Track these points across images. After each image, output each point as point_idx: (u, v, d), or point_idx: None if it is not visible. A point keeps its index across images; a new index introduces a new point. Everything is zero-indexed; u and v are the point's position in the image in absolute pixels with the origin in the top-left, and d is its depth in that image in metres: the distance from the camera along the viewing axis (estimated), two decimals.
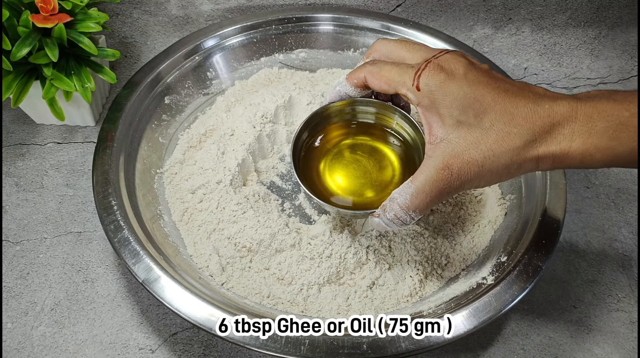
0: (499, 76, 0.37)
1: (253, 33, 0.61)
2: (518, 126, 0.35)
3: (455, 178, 0.36)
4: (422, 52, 0.39)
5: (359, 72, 0.41)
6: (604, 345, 0.47)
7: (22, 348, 0.45)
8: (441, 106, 0.36)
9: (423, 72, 0.37)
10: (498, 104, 0.35)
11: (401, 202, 0.37)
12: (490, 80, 0.36)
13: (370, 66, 0.40)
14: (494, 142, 0.35)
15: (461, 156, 0.36)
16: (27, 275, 0.49)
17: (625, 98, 0.34)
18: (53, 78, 0.52)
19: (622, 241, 0.53)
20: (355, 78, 0.41)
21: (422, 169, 0.37)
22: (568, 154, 0.35)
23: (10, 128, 0.60)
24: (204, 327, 0.38)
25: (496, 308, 0.40)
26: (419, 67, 0.37)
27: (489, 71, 0.37)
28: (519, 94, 0.36)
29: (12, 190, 0.55)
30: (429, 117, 0.37)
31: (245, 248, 0.46)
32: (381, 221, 0.39)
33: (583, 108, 0.34)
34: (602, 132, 0.33)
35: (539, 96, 0.35)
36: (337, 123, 0.47)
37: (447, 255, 0.48)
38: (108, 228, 0.44)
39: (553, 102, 0.35)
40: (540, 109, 0.35)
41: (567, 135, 0.34)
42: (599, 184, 0.58)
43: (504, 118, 0.35)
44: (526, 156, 0.35)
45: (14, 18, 0.50)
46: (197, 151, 0.55)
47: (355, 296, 0.44)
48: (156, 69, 0.56)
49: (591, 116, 0.34)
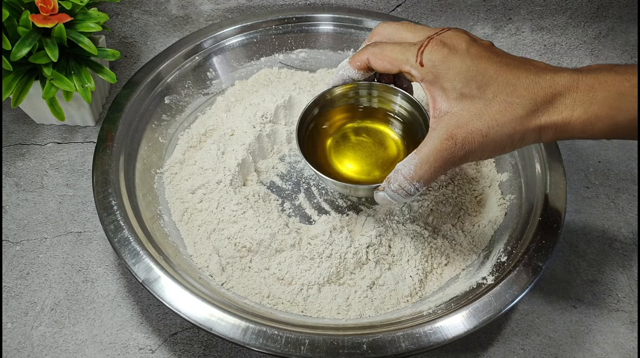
0: (500, 51, 0.38)
1: (253, 33, 0.62)
2: (520, 97, 0.36)
3: (460, 147, 0.37)
4: (424, 31, 0.40)
5: (361, 54, 0.41)
6: (604, 345, 0.47)
7: (22, 348, 0.45)
8: (444, 79, 0.37)
9: (426, 49, 0.38)
10: (500, 76, 0.36)
11: (405, 173, 0.38)
12: (492, 54, 0.37)
13: (372, 48, 0.41)
14: (497, 112, 0.36)
15: (465, 127, 0.36)
16: (27, 275, 0.49)
17: (626, 70, 0.35)
18: (53, 78, 0.52)
19: (622, 241, 0.53)
20: (358, 61, 0.42)
21: (426, 141, 0.38)
22: (569, 123, 0.35)
23: (10, 128, 0.60)
24: (204, 327, 0.38)
25: (496, 308, 0.40)
26: (422, 44, 0.38)
27: (490, 46, 0.38)
28: (520, 67, 0.36)
29: (12, 190, 0.55)
30: (433, 92, 0.38)
31: (245, 248, 0.46)
32: (386, 194, 0.40)
33: (584, 79, 0.35)
34: (602, 102, 0.34)
35: (541, 69, 0.36)
36: (341, 107, 0.47)
37: (447, 255, 0.48)
38: (108, 228, 0.44)
39: (554, 74, 0.36)
40: (542, 80, 0.35)
41: (569, 105, 0.35)
42: (599, 184, 0.58)
43: (507, 89, 0.36)
44: (529, 126, 0.36)
45: (14, 18, 0.50)
46: (197, 151, 0.55)
47: (355, 296, 0.44)
48: (156, 69, 0.56)
49: (592, 86, 0.34)
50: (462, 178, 0.52)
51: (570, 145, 0.61)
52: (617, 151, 0.61)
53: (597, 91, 0.34)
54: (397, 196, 0.39)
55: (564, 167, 0.49)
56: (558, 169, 0.49)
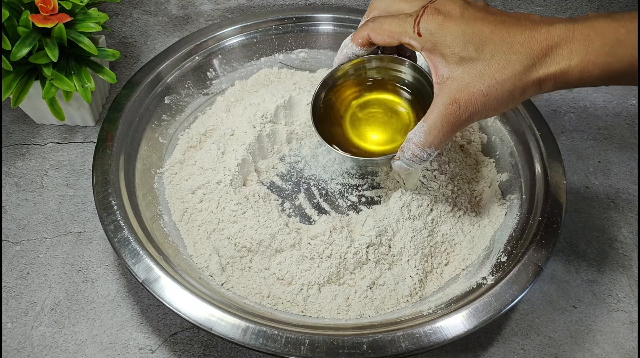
0: (495, 9, 0.39)
1: (253, 33, 0.61)
2: (517, 53, 0.37)
3: (464, 110, 0.38)
4: (419, 1, 0.41)
5: (361, 31, 0.43)
6: (604, 345, 0.47)
7: (22, 348, 0.45)
8: (443, 46, 0.38)
9: (422, 18, 0.39)
10: (496, 35, 0.37)
11: (416, 141, 0.40)
12: (487, 15, 0.38)
13: (371, 23, 0.42)
14: (496, 71, 0.37)
15: (467, 89, 0.38)
16: (27, 275, 0.49)
17: (622, 16, 0.35)
18: (53, 78, 0.52)
19: (622, 241, 0.53)
20: (359, 37, 0.43)
21: (432, 109, 0.39)
22: (567, 72, 0.36)
23: (10, 128, 0.60)
24: (204, 327, 0.38)
25: (496, 308, 0.40)
26: (417, 14, 0.39)
27: (485, 6, 0.39)
28: (515, 23, 0.37)
29: (12, 190, 0.55)
30: (433, 59, 0.39)
31: (245, 248, 0.46)
32: (402, 163, 0.42)
33: (580, 28, 0.35)
34: (599, 50, 0.35)
35: (536, 22, 0.37)
36: (350, 82, 0.49)
37: (447, 255, 0.48)
38: (108, 228, 0.44)
39: (550, 26, 0.36)
40: (537, 34, 0.36)
41: (566, 55, 0.36)
42: (599, 184, 0.58)
43: (503, 47, 0.37)
44: (528, 80, 0.37)
45: (14, 18, 0.50)
46: (197, 151, 0.55)
47: (355, 296, 0.44)
48: (156, 69, 0.56)
49: (588, 35, 0.35)
50: (462, 178, 0.52)
51: (570, 145, 0.61)
52: (617, 151, 0.61)
53: (593, 40, 0.35)
54: (412, 163, 0.42)
55: (564, 167, 0.49)
56: (558, 169, 0.49)
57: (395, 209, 0.47)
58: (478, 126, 0.57)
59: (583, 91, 0.67)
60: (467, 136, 0.56)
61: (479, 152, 0.56)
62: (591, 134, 0.62)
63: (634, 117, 0.64)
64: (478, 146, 0.56)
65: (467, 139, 0.56)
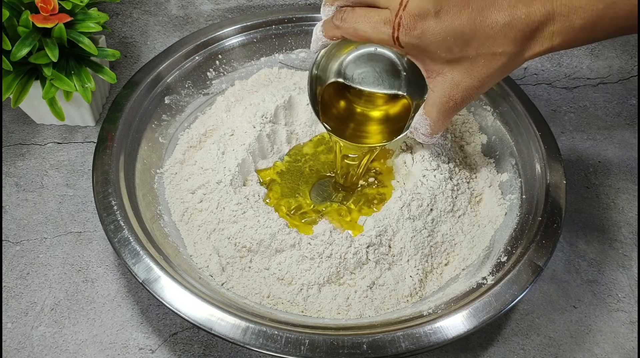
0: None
1: (253, 33, 0.61)
2: (501, 45, 0.38)
3: (460, 103, 0.41)
4: None
5: (334, 30, 0.42)
6: (604, 345, 0.47)
7: (22, 348, 0.45)
8: (427, 52, 0.39)
9: (399, 33, 0.38)
10: (477, 32, 0.37)
11: (424, 131, 0.44)
12: (463, 8, 0.37)
13: (341, 23, 0.41)
14: (484, 66, 0.39)
15: (459, 86, 0.40)
16: (27, 275, 0.49)
17: None
18: (53, 78, 0.52)
19: (622, 241, 0.53)
20: (333, 36, 0.42)
21: (431, 103, 0.42)
22: (552, 48, 0.38)
23: (10, 128, 0.60)
24: (204, 327, 0.38)
25: (496, 308, 0.40)
26: (393, 27, 0.38)
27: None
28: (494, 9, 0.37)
29: (12, 190, 0.55)
30: (420, 59, 0.40)
31: (245, 248, 0.46)
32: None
33: (559, 8, 0.36)
34: (579, 29, 0.36)
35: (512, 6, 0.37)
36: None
37: (447, 255, 0.48)
38: (108, 228, 0.44)
39: (529, 8, 0.36)
40: (517, 22, 0.37)
41: (548, 37, 0.37)
42: (599, 184, 0.58)
43: (487, 42, 0.38)
44: (516, 65, 0.39)
45: (14, 18, 0.50)
46: (197, 151, 0.55)
47: (355, 296, 0.44)
48: (156, 69, 0.56)
49: (567, 15, 0.36)
50: (461, 178, 0.52)
51: (570, 145, 0.61)
52: (617, 151, 0.61)
53: (572, 20, 0.36)
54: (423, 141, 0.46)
55: (564, 167, 0.49)
56: (558, 169, 0.49)
57: (395, 209, 0.47)
58: (478, 126, 0.57)
59: (583, 90, 0.67)
60: (467, 136, 0.56)
61: (479, 152, 0.56)
62: (591, 134, 0.62)
63: (634, 117, 0.64)
64: (478, 146, 0.56)
65: (467, 139, 0.56)
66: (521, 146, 0.52)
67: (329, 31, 0.42)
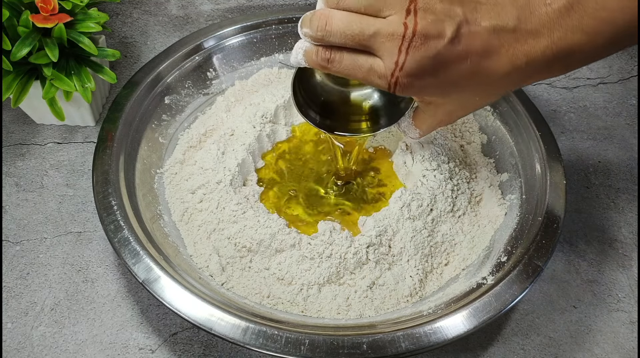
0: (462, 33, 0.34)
1: (253, 33, 0.61)
2: (499, 90, 0.39)
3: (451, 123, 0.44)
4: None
5: (318, 66, 0.37)
6: (604, 345, 0.47)
7: (22, 348, 0.45)
8: (422, 95, 0.39)
9: (395, 89, 0.36)
10: (476, 81, 0.36)
11: (412, 136, 0.45)
12: (462, 61, 0.35)
13: (328, 65, 0.36)
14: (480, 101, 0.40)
15: (452, 114, 0.41)
16: (27, 275, 0.49)
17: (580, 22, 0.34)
18: (53, 78, 0.52)
19: (622, 241, 0.53)
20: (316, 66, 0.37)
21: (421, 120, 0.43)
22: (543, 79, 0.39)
23: (10, 128, 0.60)
24: (204, 327, 0.38)
25: (496, 308, 0.40)
26: (388, 84, 0.35)
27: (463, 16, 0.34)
28: (492, 59, 0.35)
29: (12, 190, 0.55)
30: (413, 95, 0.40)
31: (245, 248, 0.46)
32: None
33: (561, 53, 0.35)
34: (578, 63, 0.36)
35: (512, 54, 0.35)
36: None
37: (447, 255, 0.48)
38: (108, 228, 0.44)
39: (528, 57, 0.35)
40: (517, 71, 0.36)
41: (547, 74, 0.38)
42: (599, 184, 0.58)
43: (486, 89, 0.38)
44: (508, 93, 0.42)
45: (14, 18, 0.50)
46: (197, 151, 0.55)
47: (355, 296, 0.44)
48: (156, 69, 0.56)
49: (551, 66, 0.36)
50: (461, 178, 0.52)
51: (570, 145, 0.61)
52: (617, 151, 0.61)
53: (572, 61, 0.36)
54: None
55: (564, 167, 0.49)
56: (558, 169, 0.49)
57: (395, 209, 0.47)
58: (478, 126, 0.57)
59: (583, 90, 0.67)
60: (467, 136, 0.56)
61: (479, 152, 0.56)
62: (591, 134, 0.62)
63: (634, 117, 0.64)
64: (478, 146, 0.56)
65: (467, 139, 0.56)
66: (521, 146, 0.52)
67: (313, 64, 0.37)
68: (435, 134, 0.53)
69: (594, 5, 0.33)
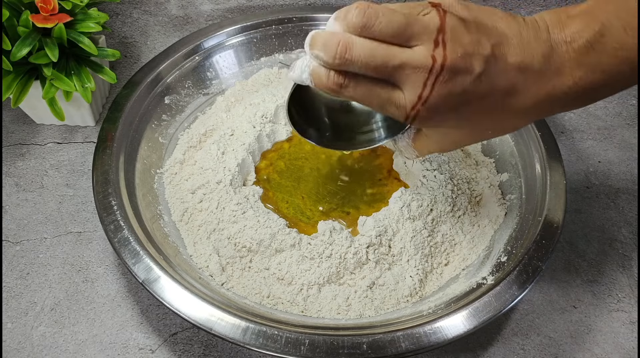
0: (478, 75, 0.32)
1: (253, 33, 0.61)
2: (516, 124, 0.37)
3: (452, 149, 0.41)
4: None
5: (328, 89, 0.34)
6: (604, 345, 0.47)
7: (22, 348, 0.45)
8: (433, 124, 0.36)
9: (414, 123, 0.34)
10: (495, 116, 0.35)
11: (409, 156, 0.43)
12: (485, 97, 0.33)
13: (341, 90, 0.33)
14: (492, 132, 0.38)
15: (457, 143, 0.39)
16: (27, 275, 0.49)
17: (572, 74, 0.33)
18: (53, 78, 0.52)
19: (622, 241, 0.53)
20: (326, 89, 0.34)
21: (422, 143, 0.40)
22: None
23: (10, 128, 0.60)
24: (204, 327, 0.38)
25: (496, 308, 0.40)
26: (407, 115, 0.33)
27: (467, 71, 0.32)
28: (515, 97, 0.34)
29: (12, 190, 0.55)
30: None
31: (245, 248, 0.46)
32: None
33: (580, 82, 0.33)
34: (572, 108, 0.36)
35: (535, 94, 0.34)
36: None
37: (447, 255, 0.48)
38: (108, 228, 0.44)
39: (551, 92, 0.34)
40: (539, 106, 0.34)
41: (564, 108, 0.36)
42: (599, 184, 0.58)
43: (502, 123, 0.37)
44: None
45: (14, 18, 0.50)
46: (197, 151, 0.55)
47: (355, 296, 0.44)
48: (156, 69, 0.56)
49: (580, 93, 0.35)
50: (461, 178, 0.52)
51: (570, 145, 0.61)
52: (617, 151, 0.61)
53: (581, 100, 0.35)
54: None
55: (564, 167, 0.49)
56: (558, 169, 0.49)
57: (395, 209, 0.47)
58: None
59: None
60: None
61: (479, 152, 0.56)
62: (591, 134, 0.62)
63: (634, 117, 0.64)
64: (478, 146, 0.56)
65: None
66: (521, 146, 0.52)
67: (322, 87, 0.34)
68: None
69: (614, 44, 0.32)
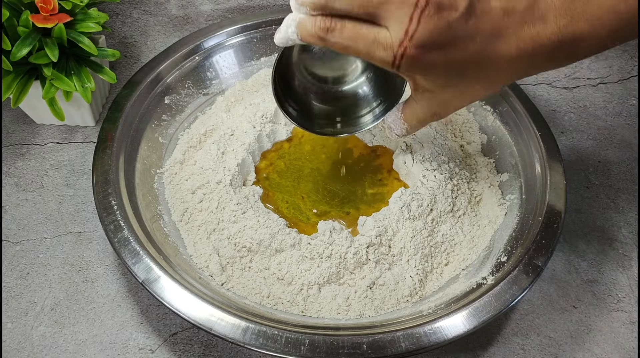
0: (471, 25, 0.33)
1: (253, 33, 0.61)
2: (505, 78, 0.37)
3: (444, 116, 0.41)
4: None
5: (315, 39, 0.35)
6: (604, 345, 0.47)
7: (22, 348, 0.45)
8: (424, 78, 0.37)
9: (401, 62, 0.34)
10: (482, 65, 0.35)
11: (398, 132, 0.43)
12: (471, 39, 0.34)
13: (327, 36, 0.34)
14: (480, 90, 0.38)
15: (448, 105, 0.39)
16: (27, 275, 0.49)
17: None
18: (53, 78, 0.52)
19: (622, 241, 0.53)
20: (312, 43, 0.35)
21: (411, 112, 0.41)
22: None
23: (10, 128, 0.60)
24: (204, 327, 0.38)
25: (496, 308, 0.40)
26: (394, 55, 0.33)
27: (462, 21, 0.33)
28: (501, 41, 0.34)
29: (12, 190, 0.55)
30: (412, 77, 0.38)
31: (245, 248, 0.46)
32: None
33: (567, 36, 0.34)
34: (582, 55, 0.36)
35: (522, 38, 0.34)
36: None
37: (447, 255, 0.48)
38: (108, 228, 0.44)
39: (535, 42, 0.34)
40: (524, 55, 0.35)
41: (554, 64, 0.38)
42: (599, 184, 0.58)
43: (490, 74, 0.37)
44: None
45: (14, 18, 0.50)
46: (197, 151, 0.55)
47: (355, 296, 0.44)
48: (156, 69, 0.56)
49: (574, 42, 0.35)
50: (461, 178, 0.52)
51: (570, 145, 0.61)
52: (617, 151, 0.61)
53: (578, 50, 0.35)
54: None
55: (564, 167, 0.49)
56: (558, 169, 0.49)
57: (395, 209, 0.47)
58: (478, 126, 0.57)
59: (583, 90, 0.67)
60: (467, 136, 0.56)
61: (479, 152, 0.56)
62: (591, 134, 0.62)
63: (634, 117, 0.64)
64: (478, 146, 0.56)
65: (467, 139, 0.56)
66: (521, 146, 0.52)
67: (308, 38, 0.35)
68: (435, 134, 0.53)
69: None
